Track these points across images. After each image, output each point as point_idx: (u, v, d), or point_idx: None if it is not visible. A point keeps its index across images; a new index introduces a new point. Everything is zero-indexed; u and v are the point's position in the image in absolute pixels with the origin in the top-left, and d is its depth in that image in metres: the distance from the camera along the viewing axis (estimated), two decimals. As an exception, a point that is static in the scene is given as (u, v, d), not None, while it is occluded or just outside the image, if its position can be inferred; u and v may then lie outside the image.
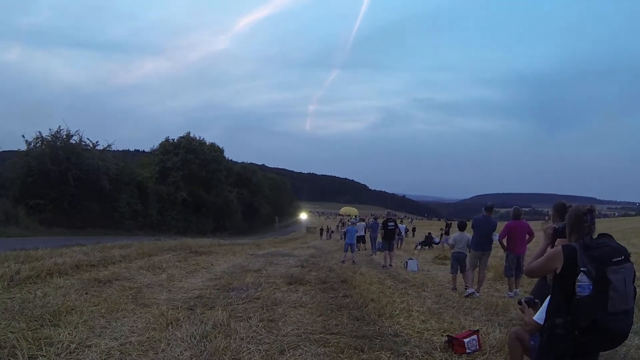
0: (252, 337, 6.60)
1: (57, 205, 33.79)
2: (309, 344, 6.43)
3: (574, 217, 3.91)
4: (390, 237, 18.88)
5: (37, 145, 35.87)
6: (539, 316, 5.03)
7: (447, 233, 32.96)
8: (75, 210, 34.63)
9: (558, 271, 3.67)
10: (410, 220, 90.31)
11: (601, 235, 3.78)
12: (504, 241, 11.57)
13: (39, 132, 36.15)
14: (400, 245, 31.31)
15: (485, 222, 11.75)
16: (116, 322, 7.11)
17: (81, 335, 6.14)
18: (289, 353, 6.01)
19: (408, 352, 6.10)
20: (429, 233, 34.35)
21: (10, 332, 5.91)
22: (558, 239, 4.69)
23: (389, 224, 19.08)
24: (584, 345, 3.63)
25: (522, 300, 5.27)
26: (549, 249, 4.23)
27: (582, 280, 3.48)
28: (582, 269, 3.50)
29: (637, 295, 3.66)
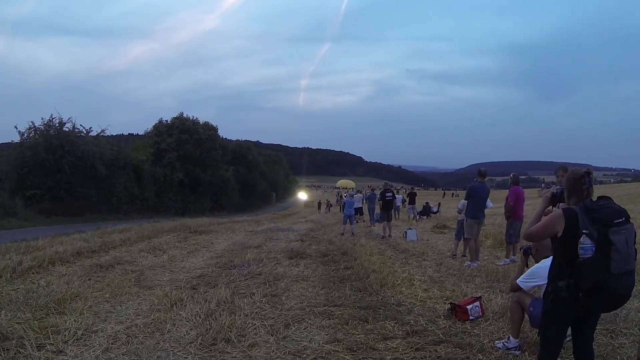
0: (256, 312, 6.66)
1: (54, 194, 33.65)
2: (313, 316, 6.49)
3: (571, 180, 3.91)
4: (388, 207, 18.93)
5: (31, 135, 35.52)
6: (523, 279, 5.09)
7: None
8: (73, 198, 34.50)
9: (559, 234, 3.68)
10: (405, 190, 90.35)
11: (600, 197, 3.79)
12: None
13: (32, 122, 35.83)
14: (398, 216, 31.42)
15: (483, 189, 11.70)
16: (121, 306, 7.16)
17: (87, 321, 6.17)
18: (294, 327, 6.07)
19: (412, 321, 6.15)
20: (427, 203, 34.44)
21: (17, 323, 5.90)
22: (558, 204, 4.69)
23: (387, 194, 19.12)
24: (587, 307, 3.66)
25: (525, 247, 5.35)
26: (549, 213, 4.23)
27: (585, 242, 3.49)
28: (584, 231, 3.50)
29: (638, 257, 3.67)
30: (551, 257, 4.02)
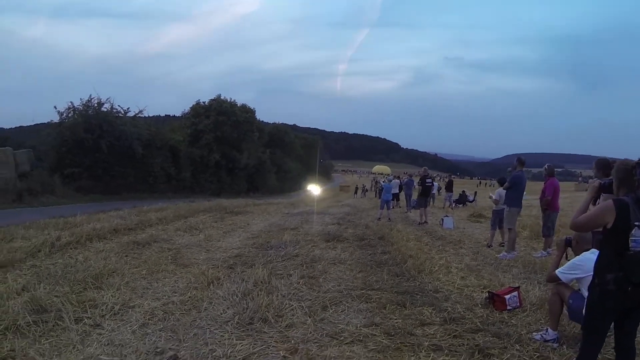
0: (293, 293, 6.69)
1: (92, 173, 34.27)
2: (351, 300, 6.50)
3: (622, 170, 3.80)
4: (426, 193, 18.85)
5: (70, 115, 36.22)
6: (563, 270, 5.00)
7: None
8: (110, 177, 35.08)
9: (609, 226, 3.60)
10: (440, 178, 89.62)
11: None
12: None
13: (71, 103, 36.46)
14: (433, 203, 31.22)
15: (524, 177, 11.53)
16: (157, 283, 7.29)
17: (124, 297, 6.31)
18: (332, 309, 6.08)
19: (449, 308, 6.12)
20: (463, 191, 34.15)
21: (55, 296, 6.04)
22: (602, 194, 4.59)
23: (427, 180, 19.04)
24: (636, 301, 3.58)
25: (566, 238, 5.25)
26: (598, 203, 4.14)
27: (636, 234, 3.42)
28: (635, 223, 3.43)
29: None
30: (593, 250, 3.95)
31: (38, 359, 4.39)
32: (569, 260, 5.15)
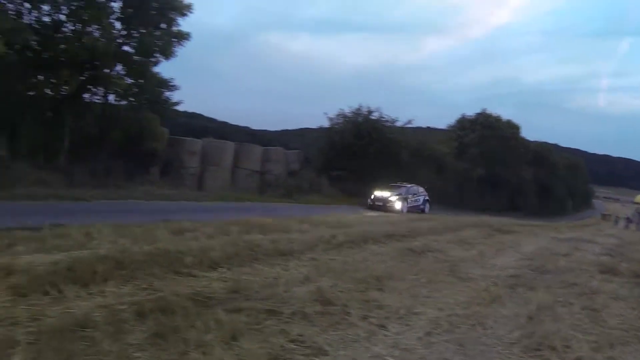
0: (576, 325, 6.36)
1: (358, 176, 35.82)
2: (637, 341, 6.00)
3: None
4: None
5: (339, 122, 38.80)
6: None
7: None
8: (373, 182, 36.28)
9: None
10: None
11: None
12: None
13: (341, 110, 39.02)
14: None
15: None
16: (438, 293, 7.33)
17: (406, 302, 6.46)
18: (618, 348, 5.66)
19: None
20: None
21: (339, 291, 6.46)
22: None
23: None
24: None
25: None
26: None
27: None
28: None
29: None
30: None
31: (326, 348, 4.68)
32: None
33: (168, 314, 5.06)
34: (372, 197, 29.80)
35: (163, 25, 25.22)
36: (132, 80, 25.87)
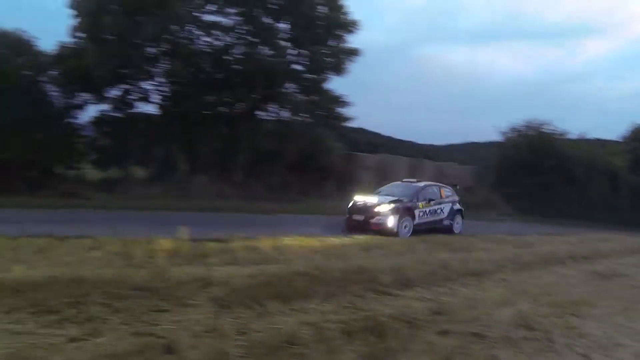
0: None
1: (532, 194, 34.55)
2: None
3: None
4: None
5: (512, 136, 37.26)
6: None
7: None
8: (548, 199, 34.98)
9: None
10: None
11: None
12: None
13: (513, 123, 37.45)
14: None
15: None
16: (636, 324, 6.76)
17: (607, 331, 6.10)
18: None
19: None
20: None
21: (539, 315, 6.27)
22: None
23: None
24: None
25: None
26: None
27: None
28: None
29: None
30: None
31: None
32: None
33: (377, 334, 5.20)
34: (350, 205, 16.65)
35: (331, 43, 25.89)
36: (306, 97, 26.65)
